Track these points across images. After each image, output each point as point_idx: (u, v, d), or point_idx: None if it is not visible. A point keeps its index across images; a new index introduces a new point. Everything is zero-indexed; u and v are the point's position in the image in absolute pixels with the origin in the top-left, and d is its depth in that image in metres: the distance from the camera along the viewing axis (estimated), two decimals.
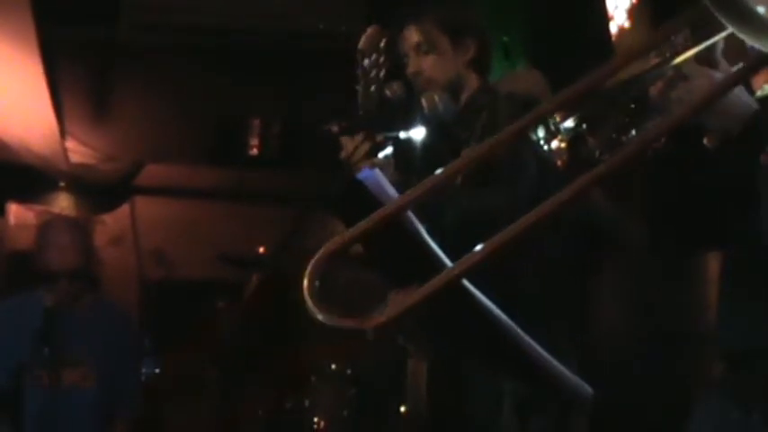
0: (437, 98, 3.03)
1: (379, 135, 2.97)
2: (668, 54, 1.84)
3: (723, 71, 1.84)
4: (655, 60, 1.85)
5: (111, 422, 4.27)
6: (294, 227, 5.87)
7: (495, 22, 4.62)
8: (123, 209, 7.29)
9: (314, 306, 1.38)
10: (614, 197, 3.36)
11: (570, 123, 1.80)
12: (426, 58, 3.05)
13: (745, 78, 1.81)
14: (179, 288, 7.04)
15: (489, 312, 1.61)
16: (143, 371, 5.21)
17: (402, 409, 3.65)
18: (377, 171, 1.65)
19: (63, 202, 7.06)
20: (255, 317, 5.95)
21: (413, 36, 3.06)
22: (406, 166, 2.97)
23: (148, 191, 7.30)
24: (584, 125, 1.81)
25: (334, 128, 3.10)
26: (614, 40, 4.19)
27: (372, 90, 3.01)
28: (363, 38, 3.05)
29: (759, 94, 1.94)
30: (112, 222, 7.13)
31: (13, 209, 6.98)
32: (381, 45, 3.03)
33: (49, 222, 4.72)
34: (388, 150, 2.96)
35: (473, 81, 3.07)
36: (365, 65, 3.02)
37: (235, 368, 5.97)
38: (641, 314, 4.26)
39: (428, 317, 1.63)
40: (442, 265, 1.54)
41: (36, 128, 6.01)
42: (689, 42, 1.80)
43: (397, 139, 3.01)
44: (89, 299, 4.31)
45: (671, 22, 1.57)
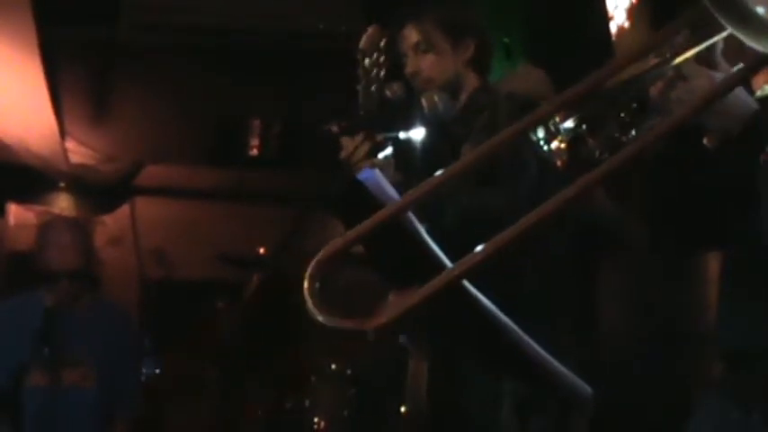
0: (437, 98, 3.02)
1: (380, 135, 2.97)
2: (668, 54, 1.84)
3: (723, 71, 1.85)
4: (654, 61, 1.85)
5: (111, 422, 4.27)
6: (294, 227, 5.88)
7: (495, 22, 4.62)
8: (123, 209, 7.28)
9: (314, 307, 1.38)
10: (614, 197, 3.36)
11: (570, 124, 1.80)
12: (425, 57, 3.05)
13: (745, 79, 1.81)
14: (179, 288, 7.04)
15: (489, 312, 1.61)
16: (143, 371, 5.21)
17: (402, 409, 3.65)
18: (377, 171, 1.65)
19: (63, 203, 7.05)
20: (255, 317, 5.95)
21: (412, 35, 3.06)
22: (406, 166, 2.96)
23: (148, 191, 7.30)
24: (583, 125, 1.81)
25: (334, 128, 3.10)
26: (614, 40, 4.19)
27: (373, 90, 3.01)
28: (364, 37, 3.05)
29: (759, 94, 1.94)
30: (112, 223, 7.12)
31: (13, 209, 6.98)
32: (382, 45, 3.03)
33: (50, 222, 4.73)
34: (388, 150, 2.96)
35: (472, 81, 3.07)
36: (366, 64, 3.02)
37: (235, 368, 5.98)
38: (641, 314, 4.26)
39: (428, 317, 1.63)
40: (441, 265, 1.54)
41: (36, 128, 6.00)
42: (689, 43, 1.80)
43: (397, 139, 3.00)
44: (89, 299, 4.31)
45: (671, 23, 1.57)
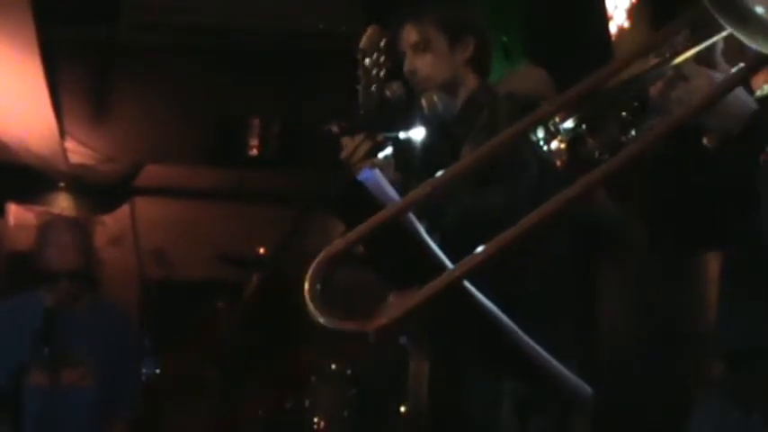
0: (436, 98, 3.02)
1: (379, 135, 2.96)
2: (668, 54, 1.84)
3: (722, 71, 1.84)
4: (654, 61, 1.85)
5: (111, 422, 4.27)
6: (294, 227, 5.88)
7: (495, 21, 4.62)
8: (123, 209, 7.28)
9: (315, 309, 1.38)
10: (615, 197, 3.36)
11: (570, 124, 1.80)
12: (423, 56, 3.04)
13: (745, 79, 1.81)
14: (179, 288, 7.04)
15: (489, 313, 1.61)
16: (143, 371, 5.21)
17: (402, 409, 3.65)
18: (377, 172, 1.65)
19: (63, 203, 7.05)
20: (255, 317, 5.95)
21: (411, 35, 3.05)
22: (406, 166, 2.96)
23: (148, 191, 7.30)
24: (583, 125, 1.81)
25: (334, 128, 3.10)
26: (614, 40, 4.19)
27: (373, 90, 3.01)
28: (364, 37, 3.05)
29: (759, 93, 1.94)
30: (112, 223, 7.12)
31: (13, 209, 6.98)
32: (382, 45, 3.03)
33: (49, 222, 4.72)
34: (388, 150, 2.96)
35: (471, 81, 3.06)
36: (366, 64, 3.02)
37: (235, 368, 5.97)
38: (641, 314, 4.26)
39: (429, 318, 1.63)
40: (442, 266, 1.54)
41: (36, 128, 6.00)
42: (688, 43, 1.80)
43: (397, 139, 3.00)
44: (89, 299, 4.31)
45: (671, 23, 1.57)
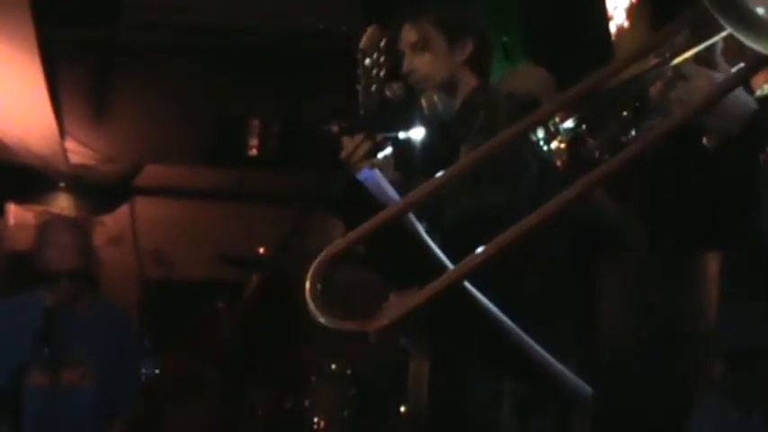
0: (436, 98, 3.02)
1: (379, 135, 2.96)
2: (668, 54, 1.84)
3: (722, 71, 1.84)
4: (654, 61, 1.85)
5: (111, 422, 4.27)
6: (294, 227, 5.88)
7: (495, 21, 4.62)
8: (123, 209, 7.28)
9: (316, 309, 1.38)
10: (615, 197, 3.36)
11: (570, 124, 1.80)
12: (421, 56, 3.03)
13: (745, 79, 1.81)
14: (179, 288, 7.04)
15: (489, 313, 1.61)
16: (143, 371, 5.21)
17: (402, 409, 3.65)
18: (376, 171, 1.65)
19: (63, 203, 7.05)
20: (255, 317, 5.95)
21: (410, 34, 3.05)
22: (406, 165, 2.96)
23: (148, 191, 7.30)
24: (583, 126, 1.81)
25: (334, 128, 3.10)
26: (614, 40, 4.19)
27: (373, 90, 3.01)
28: (364, 37, 3.05)
29: (758, 93, 1.94)
30: (112, 223, 7.12)
31: (13, 209, 6.98)
32: (382, 45, 3.03)
33: (49, 222, 4.72)
34: (388, 150, 2.96)
35: (470, 81, 3.05)
36: (366, 64, 3.02)
37: (235, 368, 5.98)
38: (641, 314, 4.26)
39: (430, 318, 1.63)
40: (442, 266, 1.54)
41: (36, 128, 6.00)
42: (688, 43, 1.80)
43: (397, 138, 3.00)
44: (89, 299, 4.31)
45: (671, 23, 1.56)
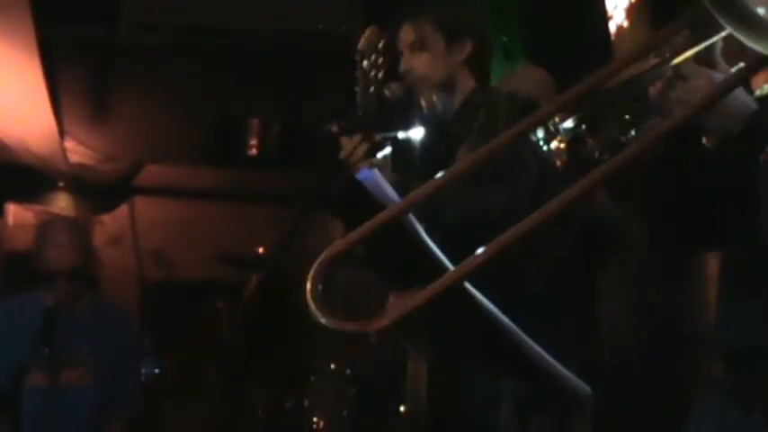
0: (435, 98, 3.01)
1: (378, 135, 2.96)
2: (667, 54, 1.84)
3: (722, 71, 1.84)
4: (654, 61, 1.85)
5: (110, 422, 4.26)
6: (294, 227, 5.87)
7: (495, 21, 4.62)
8: (123, 209, 7.28)
9: (317, 309, 1.38)
10: (615, 197, 3.36)
11: (569, 124, 1.80)
12: (420, 56, 3.02)
13: (745, 79, 1.81)
14: (179, 288, 7.04)
15: (489, 313, 1.61)
16: (143, 371, 5.21)
17: (402, 410, 3.65)
18: (376, 171, 1.64)
19: (62, 203, 7.05)
20: (255, 317, 5.95)
21: (408, 34, 3.04)
22: (405, 166, 2.96)
23: (148, 191, 7.30)
24: (583, 126, 1.81)
25: (334, 128, 3.09)
26: (614, 39, 4.19)
27: (371, 91, 3.01)
28: (362, 39, 3.05)
29: (758, 93, 1.94)
30: (112, 222, 7.12)
31: (12, 209, 6.98)
32: (380, 46, 3.02)
33: (48, 222, 4.72)
34: (387, 150, 2.95)
35: (469, 81, 3.04)
36: (364, 66, 3.02)
37: (234, 368, 5.97)
38: (641, 314, 4.26)
39: (430, 319, 1.63)
40: (442, 267, 1.53)
41: (35, 128, 6.00)
42: (688, 43, 1.80)
43: (396, 139, 3.00)
44: (89, 299, 4.31)
45: (671, 23, 1.56)
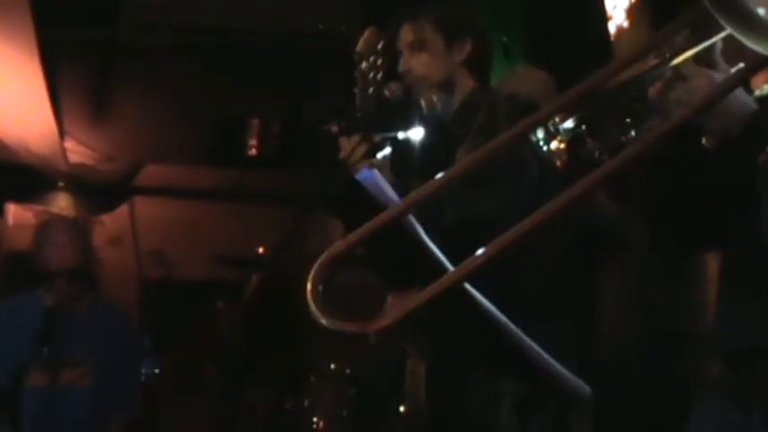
0: (435, 98, 3.01)
1: (377, 136, 2.95)
2: (667, 55, 1.83)
3: (722, 72, 1.84)
4: (654, 61, 1.85)
5: (109, 422, 4.26)
6: (294, 227, 5.86)
7: (495, 21, 4.62)
8: (122, 209, 7.28)
9: (318, 310, 1.38)
10: (615, 197, 3.36)
11: (569, 124, 1.80)
12: (419, 56, 3.02)
13: (745, 79, 1.81)
14: (179, 288, 7.04)
15: (489, 313, 1.61)
16: (143, 371, 5.21)
17: (401, 409, 3.65)
18: (375, 172, 1.65)
19: (62, 203, 7.05)
20: (255, 317, 5.95)
21: (407, 34, 3.04)
22: (404, 166, 2.96)
23: (148, 191, 7.30)
24: (583, 126, 1.81)
25: (334, 128, 3.09)
26: (613, 40, 4.19)
27: (370, 93, 3.00)
28: (361, 40, 3.04)
29: (758, 93, 1.94)
30: (111, 222, 7.12)
31: (12, 209, 6.98)
32: (379, 47, 3.02)
33: (48, 222, 4.72)
34: (387, 151, 2.95)
35: (468, 81, 3.03)
36: (363, 68, 3.02)
37: (234, 368, 5.97)
38: (641, 314, 4.26)
39: (430, 319, 1.63)
40: (442, 268, 1.54)
41: (35, 128, 6.00)
42: (688, 43, 1.80)
43: (395, 139, 2.99)
44: (88, 299, 4.31)
45: (671, 23, 1.56)
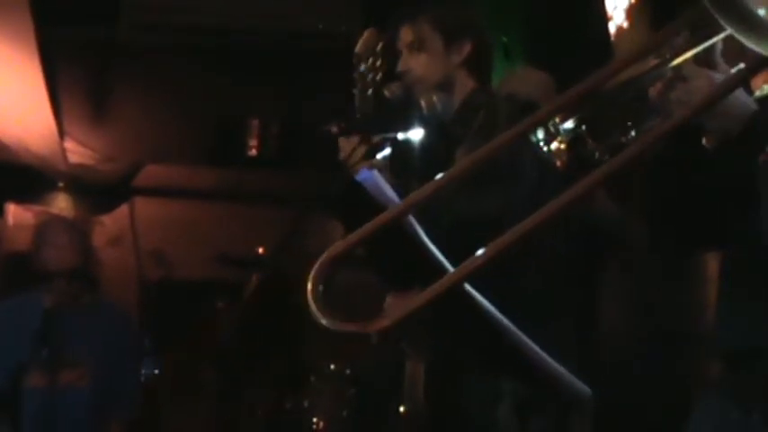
0: (435, 99, 3.01)
1: (376, 136, 2.95)
2: (667, 55, 1.84)
3: (722, 72, 1.84)
4: (654, 61, 1.85)
5: (109, 423, 4.26)
6: (293, 227, 5.87)
7: (495, 22, 4.62)
8: (122, 209, 7.28)
9: (318, 310, 1.38)
10: (615, 197, 3.36)
11: (570, 124, 1.80)
12: (418, 56, 3.01)
13: (745, 80, 1.81)
14: (179, 288, 7.03)
15: (489, 314, 1.61)
16: (142, 371, 5.21)
17: (401, 409, 3.65)
18: (375, 172, 1.65)
19: (62, 203, 7.05)
20: (255, 317, 5.95)
21: (406, 34, 3.04)
22: (404, 166, 2.96)
23: (148, 191, 7.30)
24: (583, 126, 1.81)
25: (334, 128, 3.09)
26: (613, 40, 4.19)
27: (369, 94, 3.00)
28: (360, 42, 3.04)
29: (758, 94, 1.94)
30: (111, 223, 7.11)
31: (12, 209, 6.97)
32: (378, 48, 3.02)
33: (47, 222, 4.71)
34: (386, 152, 2.95)
35: (467, 82, 3.02)
36: (362, 69, 3.02)
37: (234, 368, 5.97)
38: (641, 314, 4.26)
39: (430, 320, 1.63)
40: (442, 268, 1.54)
41: (35, 128, 6.00)
42: (688, 43, 1.80)
43: (395, 140, 2.99)
44: (88, 299, 4.31)
45: (671, 24, 1.56)
